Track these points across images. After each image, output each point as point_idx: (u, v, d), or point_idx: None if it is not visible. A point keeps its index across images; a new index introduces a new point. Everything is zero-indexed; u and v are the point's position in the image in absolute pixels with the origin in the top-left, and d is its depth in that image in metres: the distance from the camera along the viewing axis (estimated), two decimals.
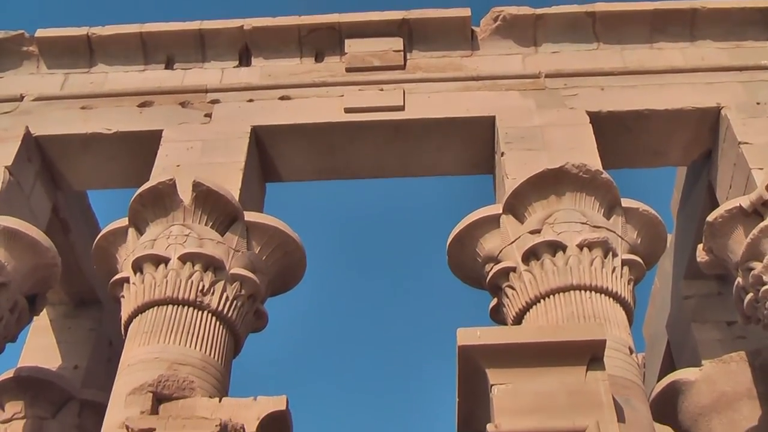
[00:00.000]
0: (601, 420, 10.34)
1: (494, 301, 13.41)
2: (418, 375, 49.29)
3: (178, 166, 14.24)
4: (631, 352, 12.04)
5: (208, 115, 15.26)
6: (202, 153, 14.55)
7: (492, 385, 10.64)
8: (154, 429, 10.72)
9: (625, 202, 13.43)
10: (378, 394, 48.90)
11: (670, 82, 15.18)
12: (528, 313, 12.48)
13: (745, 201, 12.94)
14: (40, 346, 16.84)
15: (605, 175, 13.32)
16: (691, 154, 15.33)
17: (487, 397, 10.78)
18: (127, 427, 10.81)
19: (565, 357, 10.71)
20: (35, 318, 16.22)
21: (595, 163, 13.66)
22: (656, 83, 15.18)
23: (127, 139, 15.15)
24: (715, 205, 14.18)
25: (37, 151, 15.18)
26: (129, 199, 13.55)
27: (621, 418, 10.83)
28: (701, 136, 15.00)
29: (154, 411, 11.35)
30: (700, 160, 15.38)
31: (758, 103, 14.62)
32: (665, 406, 14.44)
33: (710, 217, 13.18)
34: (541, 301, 12.37)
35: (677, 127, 14.95)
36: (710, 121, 14.80)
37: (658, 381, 15.37)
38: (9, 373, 15.77)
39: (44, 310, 16.77)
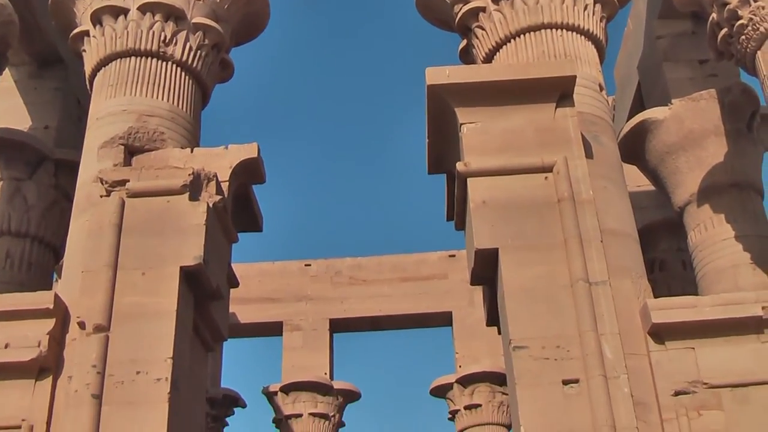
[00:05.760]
0: (569, 156, 10.51)
1: (464, 43, 13.21)
2: (389, 121, 49.69)
3: None
4: (601, 89, 12.04)
5: None
6: None
7: (461, 125, 10.69)
8: (128, 180, 10.76)
9: None
10: (349, 140, 49.53)
11: None
12: (498, 53, 12.33)
13: None
14: (7, 109, 16.58)
15: None
16: None
17: (457, 137, 10.86)
18: (101, 180, 10.85)
19: (534, 94, 10.73)
20: None
21: None
22: None
23: None
24: None
25: None
26: None
27: (589, 153, 11.00)
28: None
29: (127, 163, 11.43)
30: None
31: None
32: (633, 145, 14.61)
33: None
34: (512, 40, 12.19)
35: None
36: None
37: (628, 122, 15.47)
38: None
39: (8, 72, 16.42)
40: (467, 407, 20.97)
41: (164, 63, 12.20)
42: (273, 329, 22.21)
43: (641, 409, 9.41)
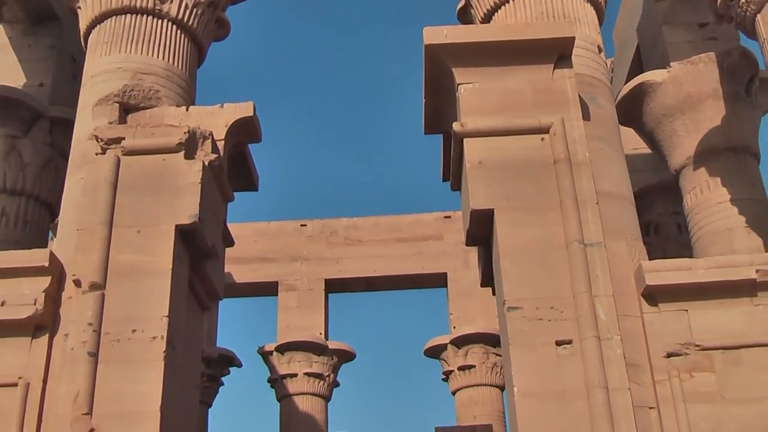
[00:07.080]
0: (566, 117, 10.47)
1: (462, 3, 13.11)
2: (386, 81, 49.39)
3: None
4: (600, 51, 11.96)
5: None
6: None
7: (458, 85, 10.63)
8: (123, 138, 10.69)
9: None
10: (345, 100, 49.29)
11: None
12: (497, 13, 12.23)
13: None
14: (1, 66, 16.46)
15: None
16: None
17: (454, 97, 10.80)
18: (97, 138, 10.78)
19: (532, 55, 10.66)
20: None
21: None
22: None
23: None
24: None
25: None
26: None
27: (586, 115, 10.95)
28: None
29: (122, 120, 11.38)
30: None
31: None
32: (631, 108, 14.58)
33: None
34: (510, 0, 12.08)
35: None
36: None
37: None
38: None
39: (2, 28, 16.30)
40: (461, 368, 21.14)
41: (160, 20, 12.08)
42: (268, 289, 22.28)
43: (634, 370, 9.47)
